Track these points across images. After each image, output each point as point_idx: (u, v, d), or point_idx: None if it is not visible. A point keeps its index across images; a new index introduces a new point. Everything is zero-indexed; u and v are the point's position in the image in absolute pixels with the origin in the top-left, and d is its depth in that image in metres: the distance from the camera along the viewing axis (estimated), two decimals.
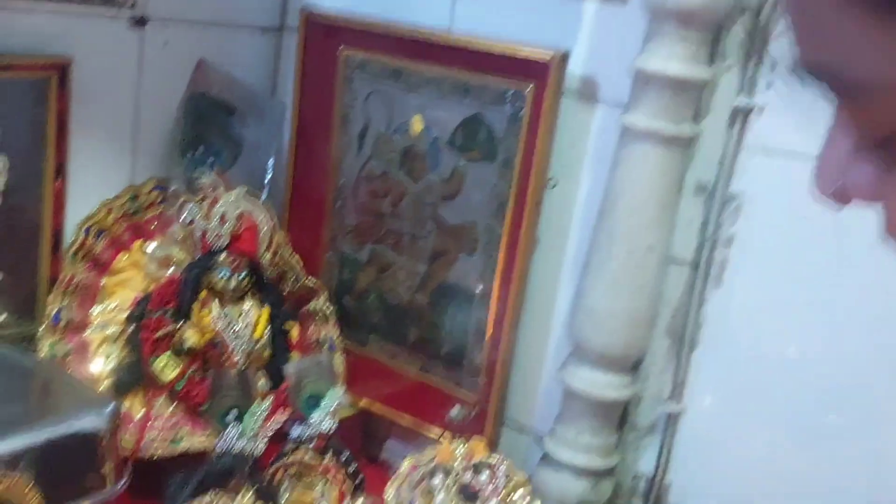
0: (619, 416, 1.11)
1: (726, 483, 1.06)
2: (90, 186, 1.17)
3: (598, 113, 1.10)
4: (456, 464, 1.11)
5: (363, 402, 1.25)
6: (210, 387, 1.06)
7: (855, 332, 0.97)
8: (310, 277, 1.25)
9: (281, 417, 1.04)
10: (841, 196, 0.39)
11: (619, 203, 1.02)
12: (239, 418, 1.00)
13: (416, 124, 1.18)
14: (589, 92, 1.10)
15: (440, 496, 1.10)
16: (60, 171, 1.13)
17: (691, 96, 1.00)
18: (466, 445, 1.13)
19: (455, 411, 1.13)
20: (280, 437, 1.06)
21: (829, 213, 0.91)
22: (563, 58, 1.04)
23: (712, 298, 1.05)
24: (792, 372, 1.02)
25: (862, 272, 0.96)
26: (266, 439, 1.02)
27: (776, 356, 1.03)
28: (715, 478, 1.07)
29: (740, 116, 1.01)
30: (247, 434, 1.00)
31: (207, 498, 0.90)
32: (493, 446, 1.14)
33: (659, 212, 1.02)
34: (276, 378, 1.16)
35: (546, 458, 1.13)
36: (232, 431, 1.00)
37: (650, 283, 1.04)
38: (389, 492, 1.08)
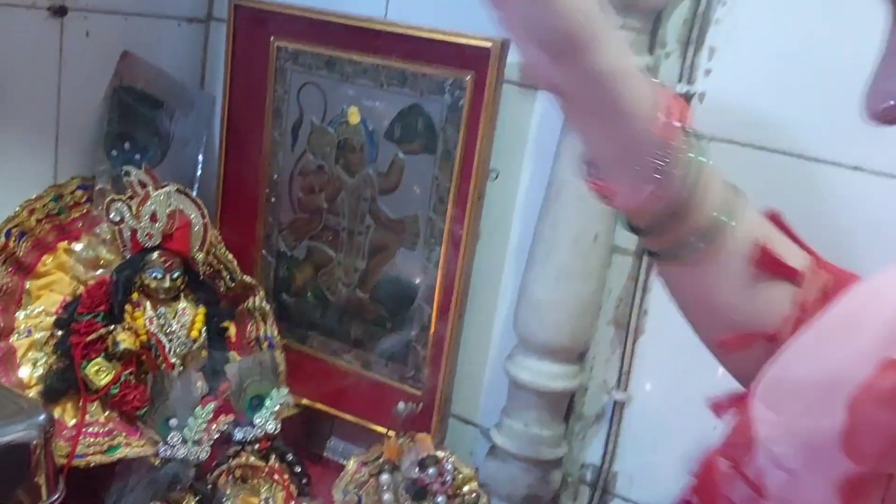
0: (566, 407, 1.11)
1: (673, 470, 1.07)
2: (10, 187, 1.11)
3: (539, 101, 1.09)
4: (403, 460, 1.10)
5: (305, 401, 1.22)
6: (149, 391, 1.01)
7: None
8: (245, 276, 1.21)
9: (225, 421, 1.01)
10: (889, 116, 0.42)
11: (563, 193, 1.02)
12: (181, 423, 0.97)
13: (352, 116, 1.16)
14: (530, 79, 1.09)
15: (388, 494, 1.08)
16: None
17: None
18: (413, 441, 1.11)
19: (400, 407, 1.11)
20: (223, 440, 1.02)
21: (769, 203, 0.92)
22: (504, 45, 1.03)
23: (656, 287, 1.06)
24: None
25: None
26: (210, 444, 0.98)
27: None
28: (662, 465, 1.07)
29: None
30: (190, 440, 0.97)
31: None
32: (439, 441, 1.13)
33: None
34: (215, 379, 1.13)
35: (494, 451, 1.12)
36: (174, 438, 0.96)
37: (595, 273, 1.04)
38: (337, 492, 1.06)
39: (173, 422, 0.97)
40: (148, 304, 1.11)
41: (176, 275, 1.11)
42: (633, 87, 0.53)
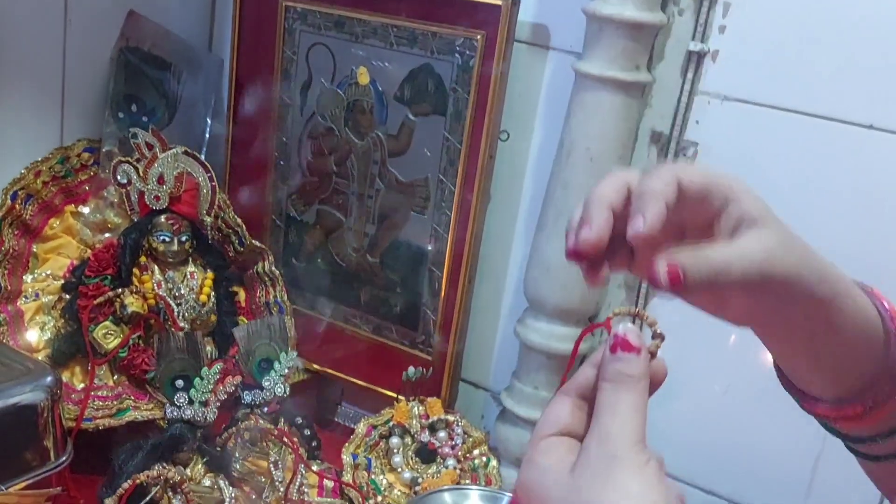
0: (576, 370, 1.10)
1: (682, 435, 1.06)
2: (16, 149, 1.10)
3: (550, 60, 1.07)
4: (413, 423, 1.09)
5: (315, 366, 1.22)
6: (155, 353, 1.01)
7: None
8: (254, 240, 1.20)
9: (232, 383, 1.00)
10: None
11: (574, 154, 1.00)
12: (187, 385, 0.96)
13: (362, 77, 1.14)
14: (541, 39, 1.07)
15: (398, 457, 1.08)
16: None
17: (645, 42, 0.97)
18: (423, 405, 1.11)
19: (411, 371, 1.11)
20: (231, 403, 1.02)
21: (785, 162, 0.90)
22: (515, 2, 1.01)
23: None
24: None
25: (813, 223, 0.95)
26: (217, 406, 0.98)
27: None
28: (670, 430, 1.06)
29: (694, 62, 0.99)
30: (196, 401, 0.96)
31: (156, 470, 0.86)
32: (449, 405, 1.12)
33: (615, 162, 1.00)
34: (225, 344, 1.12)
35: (504, 414, 1.11)
36: (181, 399, 0.96)
37: None
38: (346, 454, 1.06)
39: (179, 382, 0.97)
40: (156, 267, 1.10)
41: (184, 238, 1.11)
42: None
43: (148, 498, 0.84)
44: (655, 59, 1.01)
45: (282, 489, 0.98)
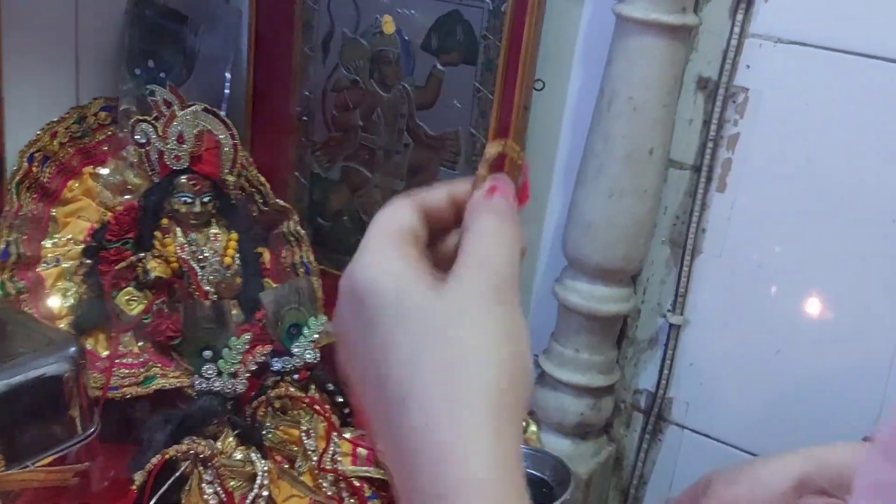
0: (618, 331, 1.06)
1: (732, 397, 1.02)
2: (30, 109, 1.06)
3: (588, 4, 1.01)
4: None
5: None
6: (183, 320, 0.97)
7: (864, 238, 0.92)
8: (278, 199, 1.16)
9: (262, 352, 0.97)
10: None
11: (615, 103, 0.94)
12: (216, 356, 0.93)
13: (387, 25, 1.09)
14: None
15: None
16: None
17: None
18: None
19: None
20: (260, 370, 0.98)
21: (844, 109, 0.84)
22: None
23: (715, 203, 0.99)
24: (798, 279, 0.96)
25: (875, 173, 0.90)
26: (246, 377, 0.94)
27: (781, 263, 0.97)
28: (720, 392, 1.02)
29: (744, 2, 0.93)
30: (225, 372, 0.93)
31: (186, 444, 0.83)
32: None
33: (659, 111, 0.94)
34: (250, 307, 1.08)
35: (542, 378, 1.07)
36: (209, 370, 0.92)
37: (651, 190, 0.97)
38: None
39: (207, 353, 0.93)
40: (178, 230, 1.06)
41: (206, 199, 1.06)
42: None
43: (178, 473, 0.81)
44: (702, 1, 0.94)
45: (314, 458, 0.94)
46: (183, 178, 1.05)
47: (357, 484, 0.95)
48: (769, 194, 0.96)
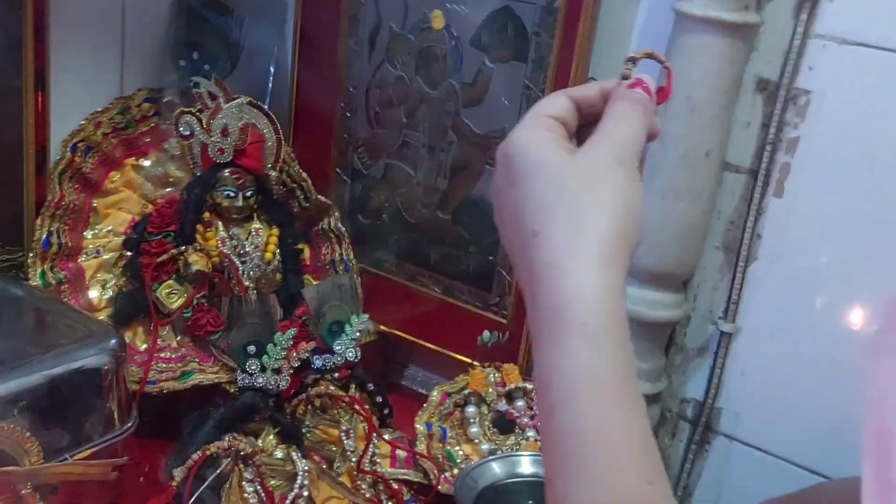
0: (667, 338, 1.03)
1: (784, 409, 0.98)
2: (75, 99, 1.05)
3: (644, 2, 0.98)
4: (489, 392, 1.03)
5: (382, 327, 1.16)
6: (225, 316, 0.96)
7: None
8: (320, 195, 1.14)
9: (305, 349, 0.95)
10: None
11: (672, 103, 0.91)
12: (260, 351, 0.91)
13: (436, 21, 1.07)
14: None
15: (474, 427, 1.02)
16: (41, 82, 1.00)
17: None
18: (499, 372, 1.05)
19: (486, 336, 1.05)
20: (300, 367, 0.97)
21: None
22: None
23: (771, 209, 0.96)
24: (856, 287, 0.93)
25: None
26: (290, 373, 0.93)
27: (839, 271, 0.94)
28: (772, 404, 0.99)
29: (808, 1, 0.90)
30: (269, 368, 0.91)
31: (227, 441, 0.81)
32: (528, 372, 1.06)
33: (717, 112, 0.91)
34: (290, 303, 1.07)
35: None
36: (253, 366, 0.90)
37: (705, 192, 0.94)
38: (419, 423, 1.00)
39: (251, 348, 0.91)
40: (220, 224, 1.05)
41: (249, 193, 1.05)
42: None
43: (219, 471, 0.79)
44: None
45: (353, 459, 0.93)
46: (226, 172, 1.04)
47: (395, 487, 0.93)
48: (829, 200, 0.93)
